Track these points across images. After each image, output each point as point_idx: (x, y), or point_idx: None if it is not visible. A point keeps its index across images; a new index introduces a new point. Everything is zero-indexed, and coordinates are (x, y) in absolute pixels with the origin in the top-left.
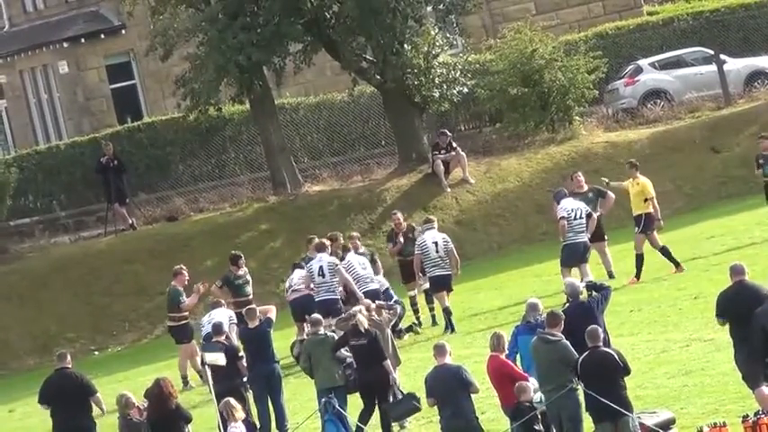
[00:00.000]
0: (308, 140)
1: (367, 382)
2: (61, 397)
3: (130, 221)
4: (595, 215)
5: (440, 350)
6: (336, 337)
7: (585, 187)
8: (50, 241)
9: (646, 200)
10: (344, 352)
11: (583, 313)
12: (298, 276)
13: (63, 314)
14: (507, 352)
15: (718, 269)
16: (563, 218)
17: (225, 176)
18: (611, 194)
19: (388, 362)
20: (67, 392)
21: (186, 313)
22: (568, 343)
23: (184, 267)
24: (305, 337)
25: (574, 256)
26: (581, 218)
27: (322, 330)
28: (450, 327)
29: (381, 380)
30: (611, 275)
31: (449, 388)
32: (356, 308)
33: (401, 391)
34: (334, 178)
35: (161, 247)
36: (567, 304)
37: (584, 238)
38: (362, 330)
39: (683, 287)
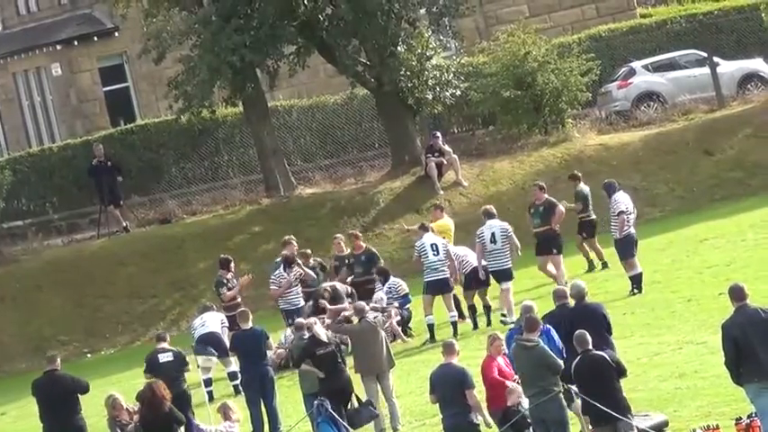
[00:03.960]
0: (301, 143)
1: (338, 388)
2: (50, 399)
3: (124, 224)
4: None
5: (448, 349)
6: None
7: (543, 199)
8: (43, 244)
9: None
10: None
11: (588, 315)
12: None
13: (56, 317)
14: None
15: (711, 272)
16: (622, 212)
17: (218, 179)
18: (561, 207)
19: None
20: (56, 395)
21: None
22: (546, 347)
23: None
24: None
25: (634, 247)
26: (633, 212)
27: (306, 334)
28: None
29: (350, 385)
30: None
31: (452, 388)
32: (311, 319)
33: (358, 398)
34: (327, 181)
35: (154, 250)
36: (573, 306)
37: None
38: (325, 340)
39: (676, 290)
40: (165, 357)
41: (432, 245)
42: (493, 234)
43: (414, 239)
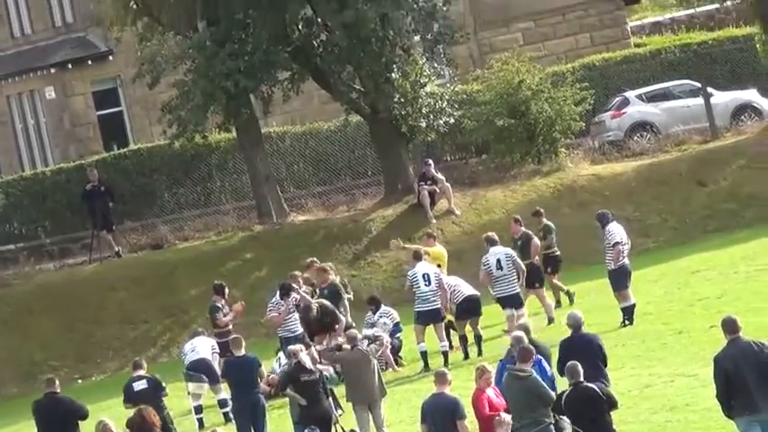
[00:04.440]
0: (294, 170)
1: (318, 416)
2: (51, 422)
3: (116, 249)
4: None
5: (440, 378)
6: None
7: (520, 232)
8: (35, 268)
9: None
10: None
11: (583, 346)
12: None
13: (47, 341)
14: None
15: (702, 304)
16: (618, 243)
17: (210, 205)
18: (536, 240)
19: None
20: (58, 417)
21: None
22: (539, 378)
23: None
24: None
25: (628, 278)
26: (627, 242)
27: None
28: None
29: (330, 414)
30: (551, 321)
31: (443, 417)
32: (296, 346)
33: (342, 428)
34: (319, 208)
35: (146, 275)
36: (569, 336)
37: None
38: (309, 367)
39: (667, 322)
40: (139, 386)
41: (424, 275)
42: (498, 261)
43: (406, 268)
